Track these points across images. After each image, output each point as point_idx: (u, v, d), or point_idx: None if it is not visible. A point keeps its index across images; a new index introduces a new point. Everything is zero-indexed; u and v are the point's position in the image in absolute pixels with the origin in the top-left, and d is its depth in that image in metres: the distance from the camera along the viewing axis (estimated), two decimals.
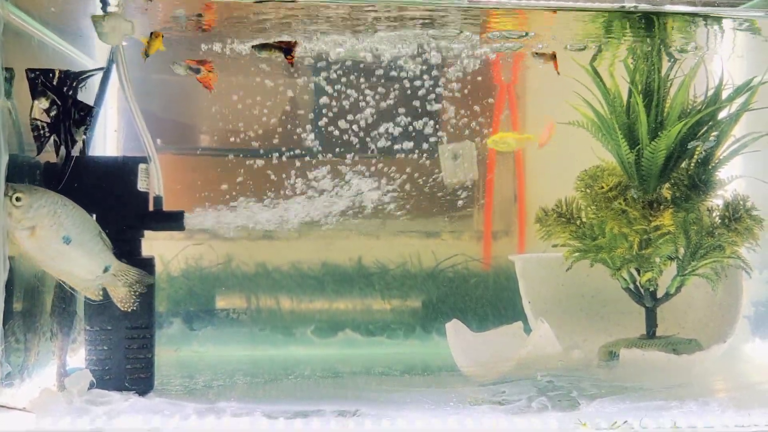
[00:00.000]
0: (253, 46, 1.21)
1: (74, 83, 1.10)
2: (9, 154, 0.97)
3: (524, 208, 1.59)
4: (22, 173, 1.03)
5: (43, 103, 1.05)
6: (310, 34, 1.24)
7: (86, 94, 1.13)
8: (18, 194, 0.96)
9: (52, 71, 1.08)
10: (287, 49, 1.20)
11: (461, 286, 1.54)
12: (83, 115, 1.09)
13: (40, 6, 1.08)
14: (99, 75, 1.16)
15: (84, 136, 1.08)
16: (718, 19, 1.16)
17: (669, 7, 1.08)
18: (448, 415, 0.98)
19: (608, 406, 1.00)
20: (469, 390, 1.08)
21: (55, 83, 1.05)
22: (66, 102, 1.07)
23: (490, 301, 1.52)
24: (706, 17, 1.14)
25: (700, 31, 1.21)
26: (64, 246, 0.99)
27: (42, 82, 1.05)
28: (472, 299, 1.54)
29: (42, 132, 1.03)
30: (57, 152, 1.08)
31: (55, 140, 1.05)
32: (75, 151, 1.07)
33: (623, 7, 1.06)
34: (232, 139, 1.47)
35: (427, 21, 1.18)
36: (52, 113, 1.04)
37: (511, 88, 1.56)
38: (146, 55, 1.13)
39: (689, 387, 1.12)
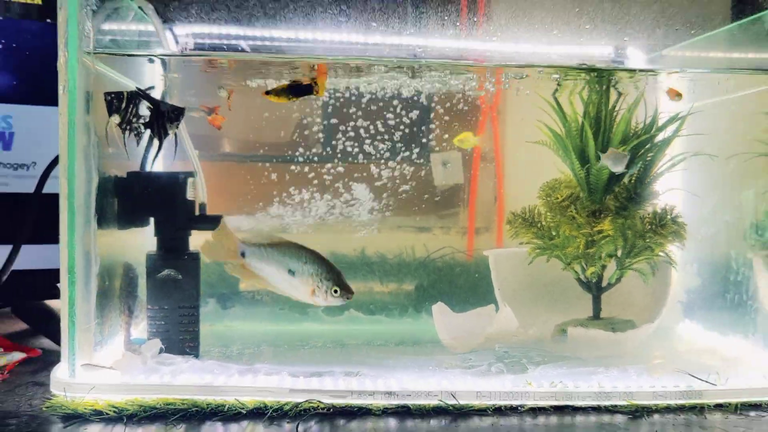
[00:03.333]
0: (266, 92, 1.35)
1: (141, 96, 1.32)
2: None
3: (503, 208, 1.81)
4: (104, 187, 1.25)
5: (116, 119, 1.24)
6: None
7: None
8: (336, 289, 1.23)
9: (121, 93, 1.27)
10: (209, 111, 1.37)
11: (447, 274, 1.71)
12: (176, 114, 1.28)
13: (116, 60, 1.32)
14: None
15: (176, 130, 1.27)
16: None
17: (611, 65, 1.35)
18: (429, 376, 1.21)
19: (550, 371, 1.23)
20: (446, 358, 1.31)
21: (141, 95, 1.25)
22: (158, 105, 1.26)
23: (470, 287, 1.68)
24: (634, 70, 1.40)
25: (641, 73, 1.47)
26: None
27: (117, 100, 1.24)
28: (456, 285, 1.71)
29: (138, 129, 1.23)
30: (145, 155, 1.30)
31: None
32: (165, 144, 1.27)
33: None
34: (259, 150, 1.65)
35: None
36: (149, 114, 1.24)
37: (494, 109, 1.81)
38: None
39: (623, 358, 1.39)
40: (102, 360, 1.21)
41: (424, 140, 1.69)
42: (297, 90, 1.34)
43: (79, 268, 1.15)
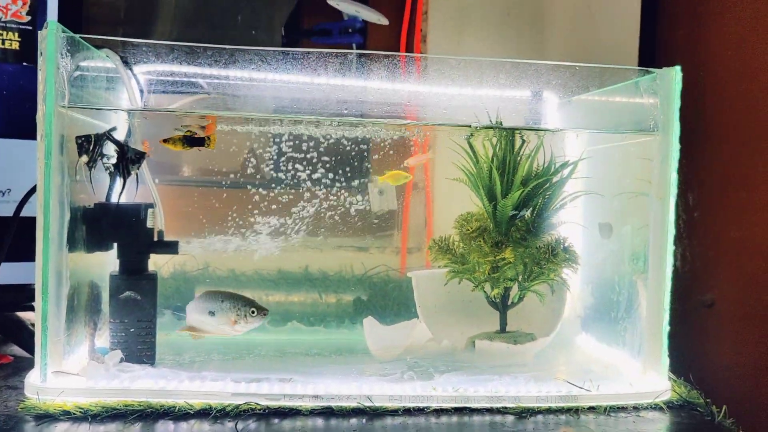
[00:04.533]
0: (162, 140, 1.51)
1: (107, 138, 1.50)
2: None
3: (431, 231, 2.06)
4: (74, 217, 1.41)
5: (85, 158, 1.42)
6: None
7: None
8: (253, 310, 1.44)
9: (89, 136, 1.44)
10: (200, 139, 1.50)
11: (382, 289, 1.88)
12: (138, 157, 1.47)
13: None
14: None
15: (137, 171, 1.47)
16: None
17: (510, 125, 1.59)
18: (351, 382, 1.40)
19: (453, 378, 1.40)
20: (366, 366, 1.50)
21: (108, 139, 1.43)
22: (122, 148, 1.45)
23: (402, 301, 1.86)
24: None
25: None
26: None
27: (86, 143, 1.42)
28: (390, 300, 1.90)
29: (110, 170, 1.42)
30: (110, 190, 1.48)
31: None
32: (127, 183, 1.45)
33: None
34: (210, 177, 1.80)
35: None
36: (114, 155, 1.42)
37: (425, 148, 2.04)
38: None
39: (521, 367, 1.61)
40: (70, 367, 1.36)
41: (363, 173, 1.89)
42: (191, 141, 1.51)
43: (51, 289, 1.33)
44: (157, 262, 1.72)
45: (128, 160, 1.46)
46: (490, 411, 1.39)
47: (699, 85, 1.86)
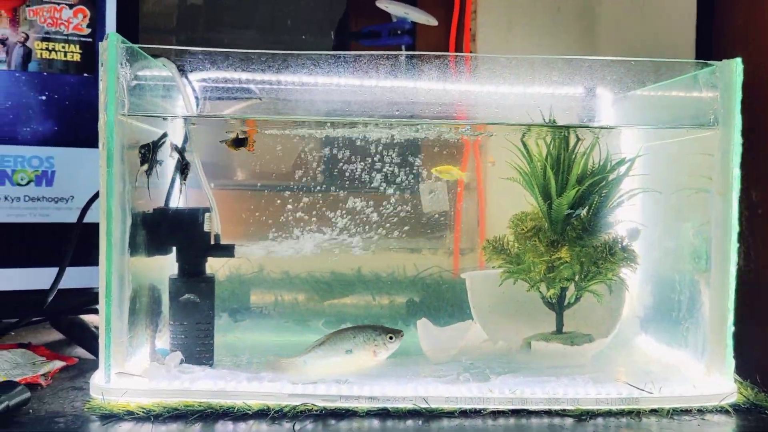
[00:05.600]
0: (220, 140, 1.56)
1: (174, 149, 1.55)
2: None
3: (484, 231, 2.05)
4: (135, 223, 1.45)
5: (145, 167, 1.48)
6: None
7: None
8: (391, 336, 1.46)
9: (149, 144, 1.50)
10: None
11: (435, 290, 1.88)
12: (186, 166, 1.55)
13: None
14: None
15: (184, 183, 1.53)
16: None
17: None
18: (406, 383, 1.40)
19: (509, 379, 1.39)
20: (421, 368, 1.50)
21: (176, 149, 1.50)
22: (182, 155, 1.52)
23: (455, 302, 1.82)
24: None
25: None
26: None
27: (147, 151, 1.47)
28: (443, 301, 1.87)
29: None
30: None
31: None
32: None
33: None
34: (264, 181, 1.79)
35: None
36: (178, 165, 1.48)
37: (476, 146, 2.04)
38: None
39: (579, 368, 1.57)
40: (132, 368, 1.39)
41: (415, 174, 1.88)
42: (236, 142, 1.57)
43: (114, 292, 1.37)
44: (213, 266, 1.76)
45: (186, 165, 1.49)
46: (548, 413, 1.36)
47: (760, 76, 1.79)
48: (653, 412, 1.40)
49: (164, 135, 1.52)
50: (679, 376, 1.52)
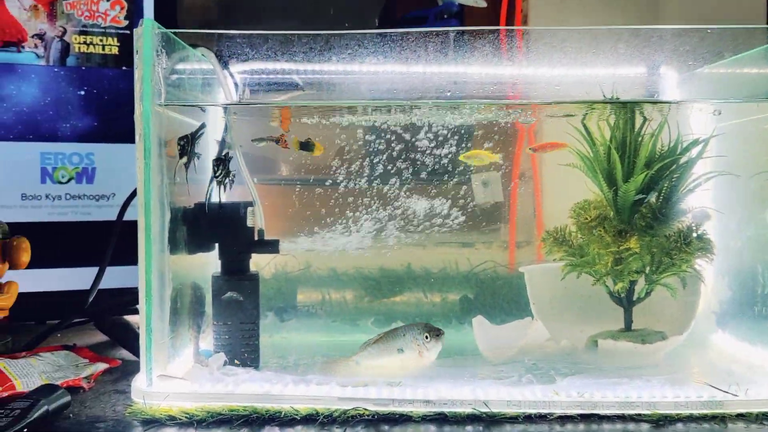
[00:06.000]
0: (252, 139, 1.52)
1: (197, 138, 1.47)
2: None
3: (541, 223, 1.93)
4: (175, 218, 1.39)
5: (184, 160, 1.42)
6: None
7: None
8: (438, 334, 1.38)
9: (187, 136, 1.43)
10: (277, 140, 1.53)
11: (490, 287, 1.78)
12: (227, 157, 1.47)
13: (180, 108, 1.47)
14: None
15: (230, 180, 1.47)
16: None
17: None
18: (463, 385, 1.31)
19: (576, 381, 1.30)
20: (479, 369, 1.40)
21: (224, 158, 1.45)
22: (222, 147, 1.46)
23: (512, 299, 1.75)
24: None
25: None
26: None
27: (186, 144, 1.41)
28: (499, 297, 1.79)
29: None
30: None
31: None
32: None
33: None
34: (309, 175, 1.74)
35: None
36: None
37: (531, 131, 1.91)
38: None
39: (651, 369, 1.46)
40: (175, 370, 1.34)
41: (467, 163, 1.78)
42: (303, 146, 1.55)
43: (155, 291, 1.31)
44: (258, 263, 1.70)
45: (228, 158, 1.42)
46: (621, 418, 1.25)
47: None
48: (740, 416, 1.27)
49: (203, 126, 1.45)
50: (766, 377, 1.37)
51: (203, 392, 1.29)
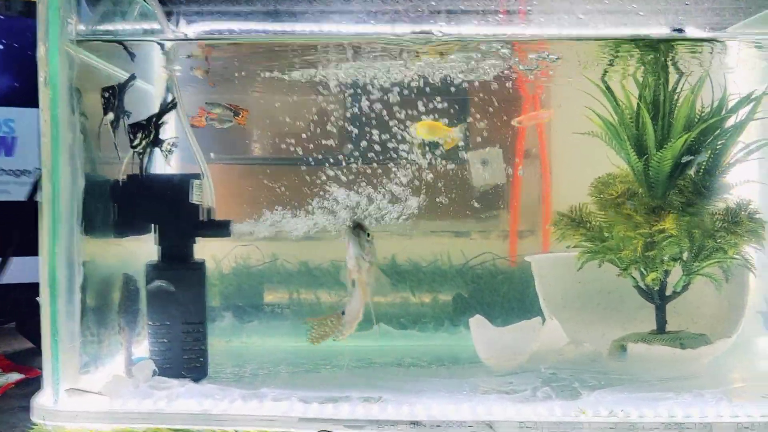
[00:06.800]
0: (206, 102, 1.35)
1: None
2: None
3: (549, 209, 1.68)
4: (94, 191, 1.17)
5: (111, 116, 1.18)
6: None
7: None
8: (368, 231, 1.15)
9: (113, 87, 1.19)
10: (236, 112, 1.36)
11: (488, 282, 1.61)
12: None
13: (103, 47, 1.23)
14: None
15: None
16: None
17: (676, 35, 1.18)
18: (462, 402, 1.08)
19: (608, 396, 1.09)
20: (482, 381, 1.18)
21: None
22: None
23: (515, 296, 1.58)
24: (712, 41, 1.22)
25: (706, 47, 1.28)
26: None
27: (113, 96, 1.17)
28: (499, 295, 1.61)
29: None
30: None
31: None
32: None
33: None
34: (273, 151, 1.58)
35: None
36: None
37: (537, 99, 1.65)
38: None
39: (695, 379, 1.20)
40: (91, 384, 1.12)
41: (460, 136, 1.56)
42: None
43: (61, 281, 1.08)
44: (216, 256, 1.57)
45: (155, 123, 1.15)
46: None
47: None
48: None
49: (132, 77, 1.19)
50: None
51: (124, 411, 1.07)
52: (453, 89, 1.52)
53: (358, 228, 1.14)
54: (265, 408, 1.07)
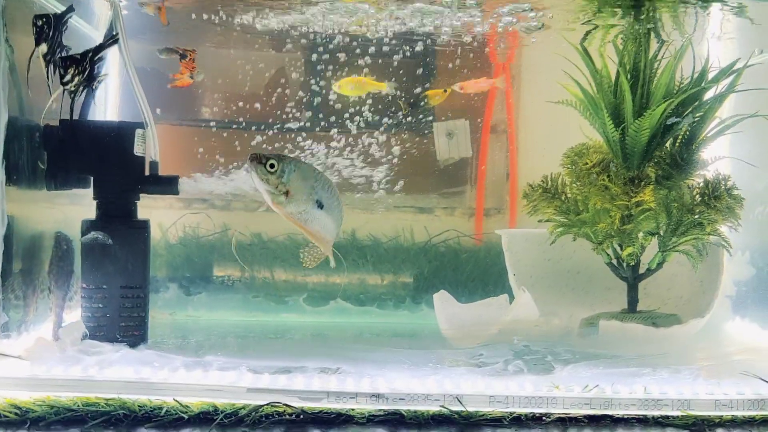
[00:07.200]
0: (158, 49, 1.27)
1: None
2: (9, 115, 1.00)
3: (516, 185, 1.61)
4: (21, 135, 1.05)
5: (44, 48, 1.05)
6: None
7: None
8: (271, 161, 0.99)
9: (49, 16, 1.06)
10: (184, 54, 1.27)
11: (452, 260, 1.55)
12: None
13: None
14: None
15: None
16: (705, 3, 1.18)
17: None
18: (427, 375, 0.99)
19: (582, 371, 1.02)
20: (449, 353, 1.11)
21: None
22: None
23: (479, 275, 1.52)
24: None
25: (689, 12, 1.23)
26: (317, 210, 1.03)
27: (47, 26, 1.04)
28: (463, 273, 1.55)
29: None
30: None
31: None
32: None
33: None
34: (227, 113, 1.48)
35: None
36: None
37: (507, 67, 1.58)
38: None
39: (665, 357, 1.15)
40: (12, 349, 1.00)
41: (423, 103, 1.52)
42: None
43: None
44: (164, 224, 1.49)
45: (92, 58, 1.03)
46: (642, 422, 0.96)
47: None
48: None
49: (70, 8, 1.06)
50: None
51: (47, 377, 0.96)
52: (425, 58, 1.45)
53: (254, 161, 0.99)
54: (211, 377, 0.97)
